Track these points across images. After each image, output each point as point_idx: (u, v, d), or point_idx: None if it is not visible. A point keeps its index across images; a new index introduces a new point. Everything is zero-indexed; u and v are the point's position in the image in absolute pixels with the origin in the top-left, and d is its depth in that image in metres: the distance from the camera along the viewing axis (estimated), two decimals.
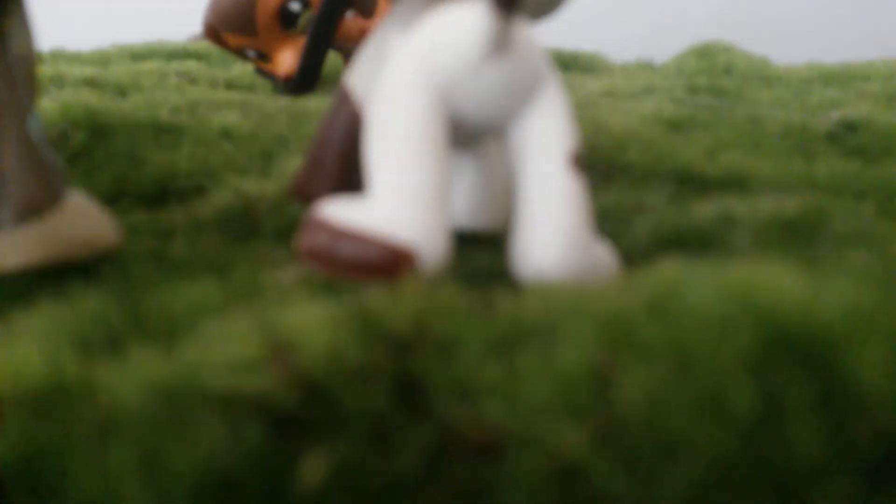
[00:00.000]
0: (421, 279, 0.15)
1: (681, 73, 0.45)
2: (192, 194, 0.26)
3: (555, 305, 0.14)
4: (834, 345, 0.12)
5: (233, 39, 0.44)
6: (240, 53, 0.46)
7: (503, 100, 0.17)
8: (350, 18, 0.46)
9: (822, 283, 0.13)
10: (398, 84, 0.17)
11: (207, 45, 0.57)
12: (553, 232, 0.16)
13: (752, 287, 0.13)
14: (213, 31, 0.44)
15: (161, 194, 0.26)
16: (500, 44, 0.16)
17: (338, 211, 0.16)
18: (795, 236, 0.20)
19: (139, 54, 0.57)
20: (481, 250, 0.19)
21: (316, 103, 0.39)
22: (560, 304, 0.14)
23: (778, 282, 0.13)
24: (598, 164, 0.27)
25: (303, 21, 0.44)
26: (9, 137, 0.18)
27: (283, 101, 0.40)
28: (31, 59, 0.19)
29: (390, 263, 0.16)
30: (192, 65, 0.51)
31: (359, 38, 0.46)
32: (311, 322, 0.14)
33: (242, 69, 0.51)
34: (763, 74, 0.44)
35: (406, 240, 0.16)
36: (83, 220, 0.18)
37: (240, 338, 0.13)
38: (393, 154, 0.16)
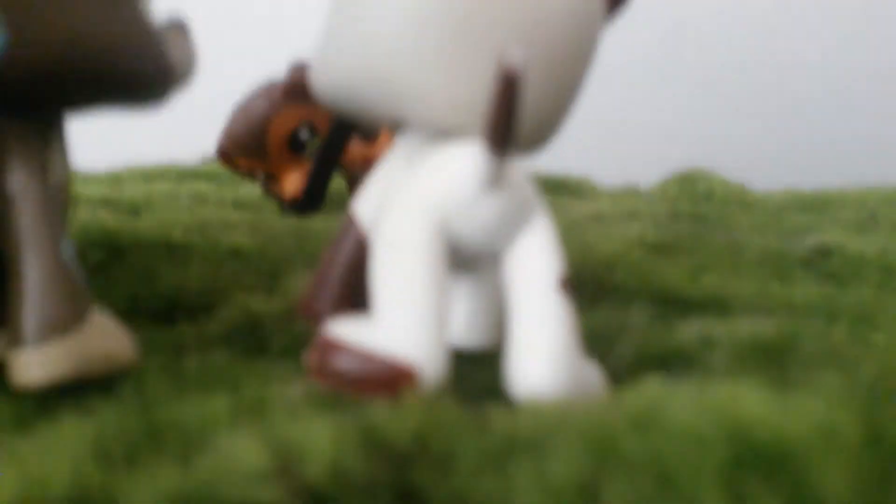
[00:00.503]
0: (421, 395, 0.16)
1: (664, 198, 0.48)
2: (201, 311, 0.27)
3: (545, 421, 0.15)
4: (800, 461, 0.13)
5: (244, 162, 0.47)
6: (250, 175, 0.48)
7: (497, 228, 0.19)
8: (354, 145, 0.49)
9: (792, 402, 0.15)
10: (402, 213, 0.18)
11: (217, 167, 0.60)
12: (544, 352, 0.18)
13: (727, 406, 0.14)
14: (226, 155, 0.47)
15: (171, 311, 0.27)
16: (495, 179, 0.18)
17: (345, 330, 0.18)
18: (770, 357, 0.21)
19: (151, 175, 0.60)
20: (478, 368, 0.20)
21: (321, 223, 0.41)
22: (550, 421, 0.15)
23: (751, 401, 0.14)
24: (586, 285, 0.28)
25: (311, 147, 0.47)
26: (43, 259, 0.19)
27: (290, 221, 0.42)
28: (67, 185, 0.21)
29: (393, 380, 0.17)
30: (202, 185, 0.53)
31: (362, 162, 0.49)
32: (317, 436, 0.14)
33: (251, 190, 0.53)
34: (741, 200, 0.47)
35: (408, 358, 0.17)
36: (105, 337, 0.19)
37: (250, 451, 0.14)
38: (396, 278, 0.18)
